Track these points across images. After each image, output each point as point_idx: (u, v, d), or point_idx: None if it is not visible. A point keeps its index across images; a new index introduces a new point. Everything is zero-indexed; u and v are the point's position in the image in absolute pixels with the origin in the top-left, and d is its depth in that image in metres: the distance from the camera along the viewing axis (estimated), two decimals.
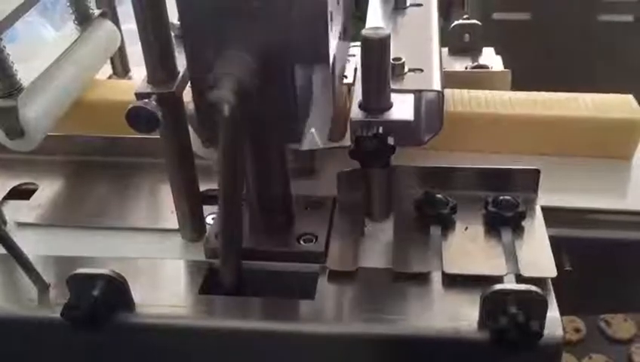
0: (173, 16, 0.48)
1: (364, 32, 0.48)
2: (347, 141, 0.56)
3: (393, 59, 0.53)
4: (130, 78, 0.82)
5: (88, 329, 0.48)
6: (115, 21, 0.76)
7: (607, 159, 0.65)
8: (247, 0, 0.43)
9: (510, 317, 0.45)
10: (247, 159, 0.51)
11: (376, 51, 0.48)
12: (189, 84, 0.48)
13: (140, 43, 0.49)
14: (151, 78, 0.49)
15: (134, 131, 0.48)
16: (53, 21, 1.37)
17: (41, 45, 0.73)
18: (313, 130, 0.60)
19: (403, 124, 0.50)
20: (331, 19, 0.46)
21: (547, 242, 0.54)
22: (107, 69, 0.81)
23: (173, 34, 0.50)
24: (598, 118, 0.65)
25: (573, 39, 1.10)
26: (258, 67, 0.43)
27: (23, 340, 0.53)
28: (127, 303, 0.50)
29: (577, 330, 1.08)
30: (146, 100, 0.46)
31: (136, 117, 0.46)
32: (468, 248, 0.54)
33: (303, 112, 0.48)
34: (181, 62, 0.49)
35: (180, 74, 0.50)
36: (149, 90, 0.48)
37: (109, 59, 0.78)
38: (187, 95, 0.50)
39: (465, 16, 0.85)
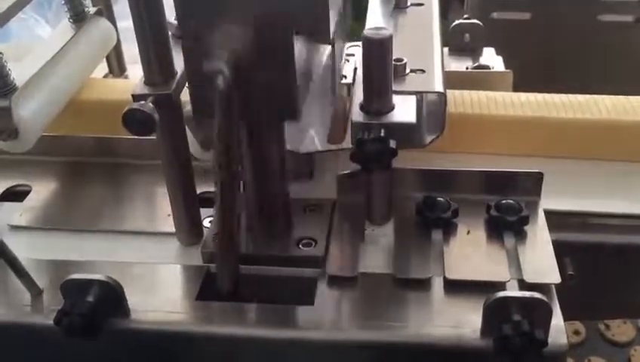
0: (170, 15, 0.47)
1: (365, 32, 0.47)
2: (347, 143, 0.55)
3: (395, 60, 0.52)
4: (126, 77, 0.81)
5: (82, 336, 0.47)
6: (111, 19, 0.75)
7: (611, 162, 0.64)
8: None
9: (514, 325, 0.44)
10: (245, 157, 0.50)
11: (377, 52, 0.47)
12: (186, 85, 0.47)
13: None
14: (148, 79, 0.48)
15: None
16: (48, 18, 1.36)
17: (36, 43, 0.72)
18: (312, 132, 0.59)
19: (405, 126, 0.49)
20: None
21: (550, 247, 0.53)
22: (103, 68, 0.80)
23: (170, 34, 0.49)
24: (612, 121, 0.64)
25: (573, 39, 1.09)
26: (255, 39, 0.42)
27: (16, 346, 0.52)
28: (123, 309, 0.49)
29: (577, 333, 1.08)
30: (143, 102, 0.45)
31: (133, 119, 0.45)
32: (470, 253, 0.53)
33: (302, 87, 0.46)
34: (179, 63, 0.48)
35: (178, 75, 0.49)
36: (145, 92, 0.47)
37: (105, 58, 0.77)
38: (184, 95, 0.49)
39: (465, 16, 0.84)
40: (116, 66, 0.80)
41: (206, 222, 0.57)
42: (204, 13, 0.42)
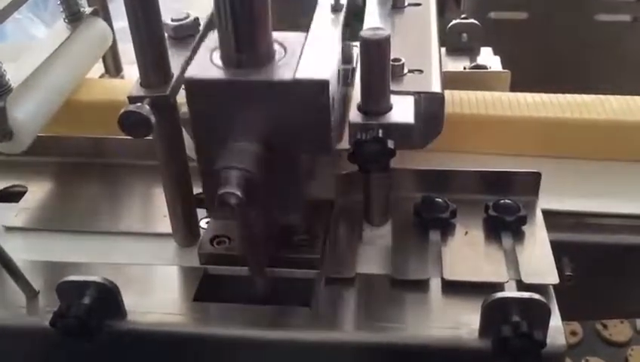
0: (166, 16, 0.47)
1: (362, 33, 0.47)
2: (345, 144, 0.55)
3: (392, 60, 0.52)
4: (122, 77, 0.80)
5: (78, 338, 0.47)
6: (107, 19, 0.74)
7: (610, 162, 0.64)
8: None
9: (512, 326, 0.44)
10: None
11: (375, 53, 0.47)
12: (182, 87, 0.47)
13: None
14: (144, 81, 0.48)
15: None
16: (44, 18, 1.35)
17: (31, 44, 0.71)
18: None
19: (403, 126, 0.49)
20: (333, 106, 0.47)
21: (549, 247, 0.53)
22: (99, 68, 0.80)
23: (167, 35, 0.49)
24: (609, 121, 0.64)
25: (570, 39, 1.09)
26: (263, 155, 0.45)
27: (12, 349, 0.52)
28: (119, 311, 0.48)
29: (574, 333, 1.08)
30: (139, 104, 0.45)
31: (129, 121, 0.45)
32: (468, 253, 0.53)
33: (307, 192, 0.50)
34: (175, 64, 0.48)
35: (175, 77, 0.48)
36: (142, 94, 0.47)
37: (101, 58, 0.77)
38: (181, 97, 0.49)
39: (462, 16, 0.84)
40: (112, 66, 0.79)
41: (203, 223, 0.57)
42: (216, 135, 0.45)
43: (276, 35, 0.47)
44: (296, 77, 0.45)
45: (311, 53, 0.47)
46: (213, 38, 0.47)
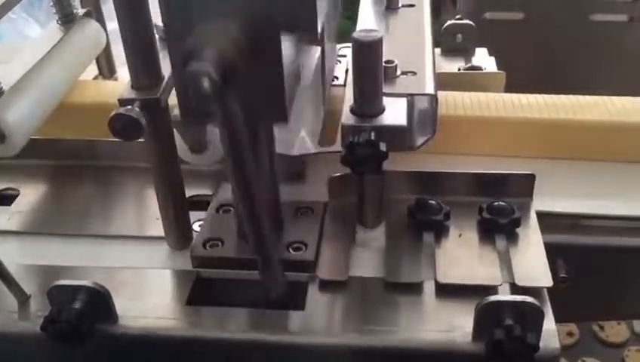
0: (157, 17, 0.47)
1: (355, 34, 0.47)
2: (338, 146, 0.55)
3: (385, 62, 0.52)
4: (116, 79, 0.80)
5: (70, 342, 0.46)
6: (101, 20, 0.74)
7: (604, 163, 0.64)
8: None
9: (506, 330, 0.44)
10: None
11: (367, 55, 0.47)
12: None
13: None
14: (135, 83, 0.47)
15: None
16: (39, 18, 1.35)
17: (23, 45, 0.71)
18: (304, 134, 0.59)
19: (396, 129, 0.49)
20: None
21: (543, 249, 0.53)
22: (93, 70, 0.80)
23: (157, 36, 0.48)
24: (604, 122, 0.64)
25: (565, 39, 1.09)
26: (240, 37, 0.39)
27: (3, 353, 0.51)
28: (110, 315, 0.48)
29: (571, 334, 1.08)
30: (129, 107, 0.45)
31: (119, 124, 0.44)
32: (462, 256, 0.53)
33: (291, 89, 0.45)
34: (166, 66, 0.47)
35: (165, 79, 0.48)
36: (132, 96, 0.46)
37: (95, 60, 0.77)
38: (172, 99, 0.48)
39: (457, 16, 0.84)
40: (106, 68, 0.79)
41: (195, 226, 0.56)
42: (188, 12, 0.40)
43: None
44: None
45: None
46: None
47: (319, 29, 0.44)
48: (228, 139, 0.39)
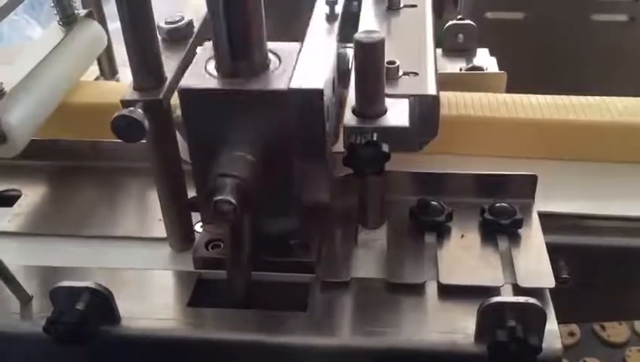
0: (159, 19, 0.47)
1: (357, 35, 0.47)
2: (340, 147, 0.55)
3: (387, 63, 0.51)
4: (117, 80, 0.80)
5: (72, 343, 0.46)
6: (102, 21, 0.74)
7: (606, 163, 0.64)
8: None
9: (508, 331, 0.44)
10: None
11: (370, 56, 0.46)
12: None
13: None
14: (137, 85, 0.47)
15: None
16: (40, 20, 1.35)
17: (25, 46, 0.71)
18: None
19: (398, 130, 0.49)
20: (328, 114, 0.47)
21: (545, 250, 0.53)
22: (95, 70, 0.80)
23: (160, 38, 0.48)
24: (606, 122, 0.64)
25: (566, 39, 1.08)
26: (257, 165, 0.45)
27: (5, 354, 0.51)
28: (113, 316, 0.48)
29: (572, 334, 1.08)
30: (132, 108, 0.45)
31: (122, 126, 0.44)
32: (464, 257, 0.53)
33: (302, 198, 0.50)
34: (168, 67, 0.47)
35: (168, 80, 0.48)
36: (135, 98, 0.46)
37: (96, 60, 0.77)
38: (174, 100, 0.48)
39: (459, 17, 0.84)
40: (107, 69, 0.79)
41: (197, 227, 0.56)
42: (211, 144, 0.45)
43: (271, 44, 0.47)
44: (290, 86, 0.45)
45: (305, 63, 0.47)
46: (208, 47, 0.47)
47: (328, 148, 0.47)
48: (232, 247, 0.47)
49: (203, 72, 0.46)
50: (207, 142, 0.46)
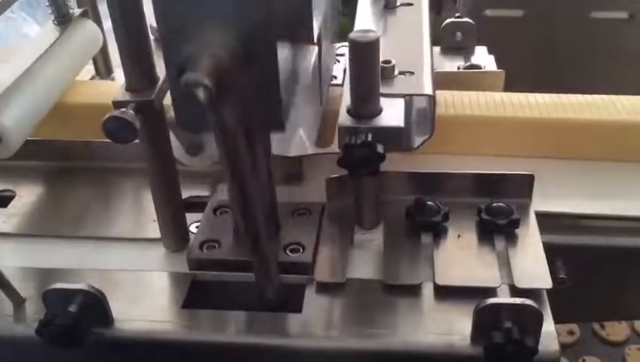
0: (151, 19, 0.46)
1: (351, 35, 0.46)
2: (336, 147, 0.54)
3: (383, 62, 0.51)
4: (113, 79, 0.80)
5: (65, 346, 0.46)
6: (98, 20, 0.74)
7: (604, 162, 0.64)
8: None
9: (504, 333, 0.44)
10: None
11: (364, 56, 0.46)
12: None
13: None
14: (129, 85, 0.47)
15: None
16: (37, 18, 1.34)
17: (19, 46, 0.71)
18: (302, 134, 0.58)
19: (393, 130, 0.48)
20: None
21: (542, 251, 0.53)
22: (90, 70, 0.79)
23: (152, 37, 0.48)
24: (603, 121, 0.63)
25: (566, 36, 1.08)
26: (235, 46, 0.39)
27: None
28: (106, 318, 0.48)
29: (571, 333, 1.07)
30: (124, 109, 0.44)
31: (113, 127, 0.44)
32: (460, 257, 0.53)
33: (287, 96, 0.44)
34: (161, 68, 0.47)
35: (160, 80, 0.48)
36: (127, 98, 0.46)
37: (92, 60, 0.76)
38: (167, 100, 0.48)
39: (457, 14, 0.83)
40: (103, 68, 0.78)
41: (192, 228, 0.56)
42: (183, 21, 0.40)
43: None
44: None
45: None
46: None
47: (316, 33, 0.43)
48: (223, 147, 0.39)
49: None
50: (179, 20, 0.40)
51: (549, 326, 0.47)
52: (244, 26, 0.39)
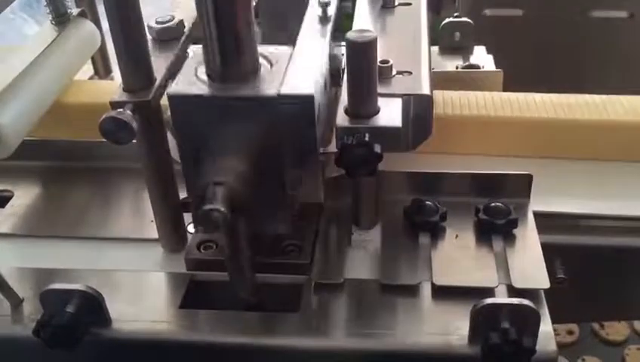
0: (148, 19, 0.46)
1: (348, 35, 0.46)
2: (333, 147, 0.54)
3: (380, 62, 0.51)
4: (112, 79, 0.80)
5: (62, 346, 0.46)
6: (96, 20, 0.74)
7: (602, 162, 0.63)
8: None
9: (502, 333, 0.44)
10: None
11: (362, 56, 0.46)
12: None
13: None
14: (126, 86, 0.47)
15: None
16: (37, 18, 1.34)
17: (17, 46, 0.71)
18: None
19: (391, 130, 0.48)
20: (319, 117, 0.47)
21: (540, 251, 0.53)
22: (89, 70, 0.79)
23: (150, 37, 0.48)
24: (603, 121, 0.63)
25: (565, 35, 1.08)
26: (248, 171, 0.44)
27: None
28: (104, 319, 0.48)
29: (571, 332, 1.07)
30: (121, 110, 0.44)
31: (110, 127, 0.44)
32: (458, 257, 0.53)
33: (294, 201, 0.49)
34: (158, 67, 0.47)
35: (158, 81, 0.48)
36: (124, 99, 0.46)
37: (90, 59, 0.76)
38: (164, 100, 0.48)
39: (455, 14, 0.83)
40: (102, 68, 0.78)
41: (190, 228, 0.56)
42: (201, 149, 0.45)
43: (262, 48, 0.47)
44: (280, 92, 0.44)
45: (296, 67, 0.46)
46: (198, 51, 0.46)
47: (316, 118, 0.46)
48: (230, 251, 0.47)
49: (193, 76, 0.45)
50: (197, 147, 0.45)
51: (546, 326, 0.46)
52: (255, 156, 0.45)
